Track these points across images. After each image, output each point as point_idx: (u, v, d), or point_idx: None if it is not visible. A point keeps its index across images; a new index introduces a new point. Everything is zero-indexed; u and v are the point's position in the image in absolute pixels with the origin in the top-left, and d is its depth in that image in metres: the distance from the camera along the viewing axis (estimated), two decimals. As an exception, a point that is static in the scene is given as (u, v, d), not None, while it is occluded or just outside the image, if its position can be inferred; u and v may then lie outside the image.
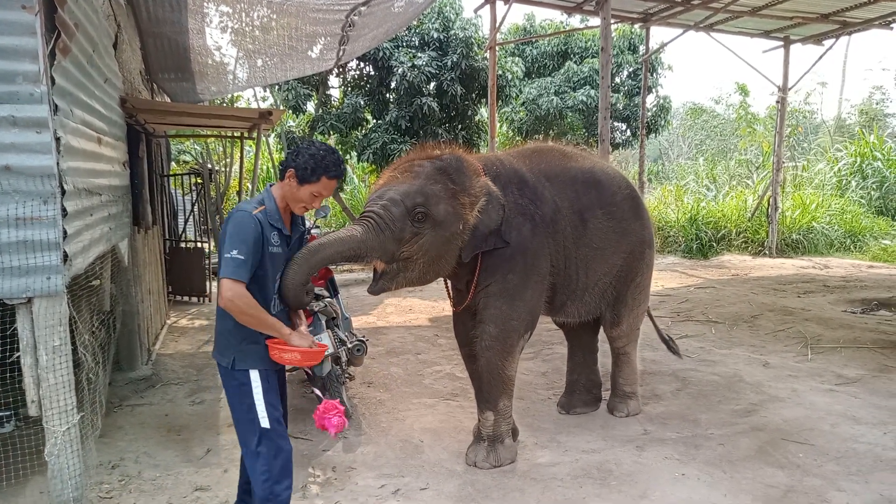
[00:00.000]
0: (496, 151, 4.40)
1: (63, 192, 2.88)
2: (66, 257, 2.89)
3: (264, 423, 2.54)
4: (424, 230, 3.20)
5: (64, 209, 2.89)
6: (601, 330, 4.48)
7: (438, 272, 3.41)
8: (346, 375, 4.52)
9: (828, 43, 11.79)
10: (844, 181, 16.08)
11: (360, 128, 12.71)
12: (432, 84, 12.03)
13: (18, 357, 2.85)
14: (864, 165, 15.97)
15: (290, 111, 12.68)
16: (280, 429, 2.62)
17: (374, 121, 12.75)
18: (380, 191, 3.28)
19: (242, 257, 2.43)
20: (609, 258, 4.01)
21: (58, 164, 2.83)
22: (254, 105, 14.09)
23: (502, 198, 3.44)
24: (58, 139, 2.85)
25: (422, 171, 3.29)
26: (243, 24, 7.08)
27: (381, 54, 11.74)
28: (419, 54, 11.72)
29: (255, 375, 2.56)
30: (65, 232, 2.88)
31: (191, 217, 10.06)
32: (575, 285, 3.90)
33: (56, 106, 2.88)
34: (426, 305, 8.36)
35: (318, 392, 3.80)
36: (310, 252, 2.79)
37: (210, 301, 8.32)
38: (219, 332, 2.63)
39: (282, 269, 2.66)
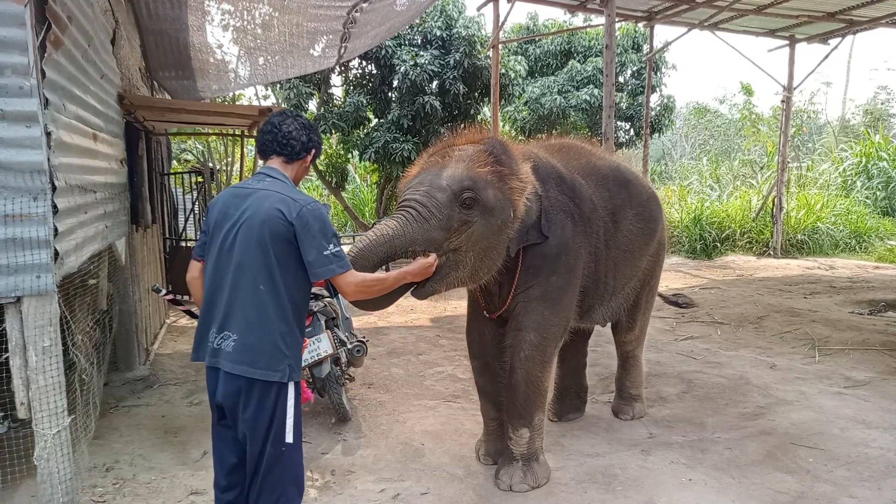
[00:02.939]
0: (523, 145, 4.20)
1: (54, 189, 2.81)
2: (56, 255, 2.82)
3: (289, 437, 2.35)
4: (473, 217, 2.91)
5: (55, 206, 2.81)
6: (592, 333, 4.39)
7: (491, 267, 3.09)
8: (346, 377, 4.44)
9: (833, 42, 11.70)
10: (849, 181, 15.99)
11: (362, 127, 12.63)
12: (435, 83, 11.94)
13: (8, 358, 2.78)
14: (869, 165, 15.88)
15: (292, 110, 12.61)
16: (301, 446, 2.44)
17: (376, 120, 12.68)
18: (420, 176, 3.01)
19: (340, 248, 2.35)
20: (637, 261, 3.90)
21: (48, 159, 2.76)
22: (255, 104, 14.03)
23: (539, 188, 3.23)
24: (48, 134, 2.78)
25: (465, 154, 3.03)
26: (245, 22, 7.02)
27: (383, 53, 11.66)
28: (421, 53, 11.63)
29: (292, 388, 2.37)
30: (56, 229, 2.81)
31: (191, 216, 9.99)
32: (603, 289, 3.73)
33: (47, 100, 2.81)
34: (428, 305, 8.28)
35: None
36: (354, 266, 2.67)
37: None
38: (263, 342, 2.30)
39: None
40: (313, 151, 2.53)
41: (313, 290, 4.66)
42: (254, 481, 2.38)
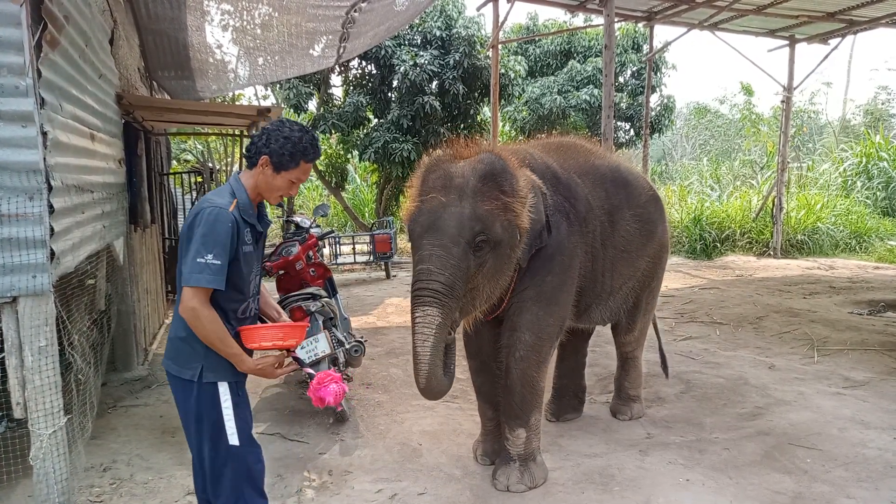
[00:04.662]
0: (519, 144, 4.20)
1: (50, 189, 2.81)
2: (53, 255, 2.81)
3: (233, 440, 2.28)
4: (486, 256, 2.91)
5: (51, 206, 2.81)
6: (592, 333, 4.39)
7: (503, 287, 3.15)
8: (344, 377, 4.44)
9: (833, 42, 11.68)
10: (850, 182, 15.97)
11: (361, 127, 12.64)
12: (434, 83, 11.95)
13: (4, 358, 2.77)
14: (869, 166, 15.85)
15: (292, 110, 12.62)
16: (253, 448, 2.38)
17: (376, 120, 12.69)
18: (424, 218, 2.90)
19: (219, 262, 2.16)
20: (634, 261, 3.89)
21: (44, 159, 2.76)
22: (255, 104, 14.03)
23: (542, 186, 3.20)
24: (44, 134, 2.78)
25: (466, 186, 2.89)
26: (244, 22, 7.02)
27: (382, 53, 11.67)
28: (421, 53, 11.64)
29: (224, 389, 2.29)
30: (52, 229, 2.81)
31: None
32: (601, 288, 3.72)
33: (43, 100, 2.80)
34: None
35: (309, 370, 3.40)
36: (420, 375, 2.83)
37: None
38: (178, 339, 2.30)
39: (254, 268, 2.39)
40: (265, 157, 2.28)
41: (311, 289, 4.70)
42: (206, 485, 2.37)
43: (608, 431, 4.12)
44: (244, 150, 2.38)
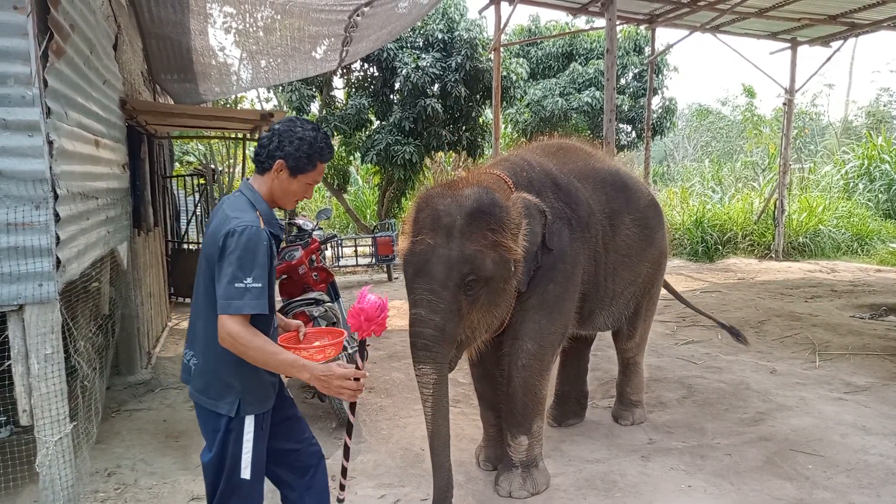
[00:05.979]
0: (519, 149, 4.21)
1: (56, 197, 2.83)
2: (58, 263, 2.83)
3: (245, 473, 2.17)
4: (478, 293, 2.93)
5: (57, 214, 2.83)
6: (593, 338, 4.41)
7: (503, 315, 3.19)
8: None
9: (835, 45, 11.68)
10: (852, 184, 15.95)
11: (363, 129, 12.66)
12: (436, 85, 11.97)
13: (10, 365, 2.79)
14: (871, 168, 15.83)
15: (294, 112, 12.64)
16: (260, 484, 2.27)
17: (378, 122, 12.71)
18: (415, 261, 2.93)
19: (260, 285, 2.01)
20: (635, 266, 3.90)
21: (50, 168, 2.78)
22: (257, 106, 14.07)
23: (541, 203, 3.18)
24: (50, 143, 2.80)
25: (453, 226, 2.88)
26: (247, 25, 7.04)
27: (385, 55, 11.69)
28: (423, 55, 11.66)
29: (249, 422, 2.17)
30: (57, 237, 2.83)
31: (193, 218, 10.01)
32: (603, 293, 3.72)
33: (49, 109, 2.82)
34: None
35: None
36: (435, 447, 3.05)
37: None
38: (209, 371, 2.15)
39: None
40: (281, 162, 2.14)
41: (313, 294, 4.72)
42: None
43: (610, 437, 4.13)
44: (254, 156, 2.22)
